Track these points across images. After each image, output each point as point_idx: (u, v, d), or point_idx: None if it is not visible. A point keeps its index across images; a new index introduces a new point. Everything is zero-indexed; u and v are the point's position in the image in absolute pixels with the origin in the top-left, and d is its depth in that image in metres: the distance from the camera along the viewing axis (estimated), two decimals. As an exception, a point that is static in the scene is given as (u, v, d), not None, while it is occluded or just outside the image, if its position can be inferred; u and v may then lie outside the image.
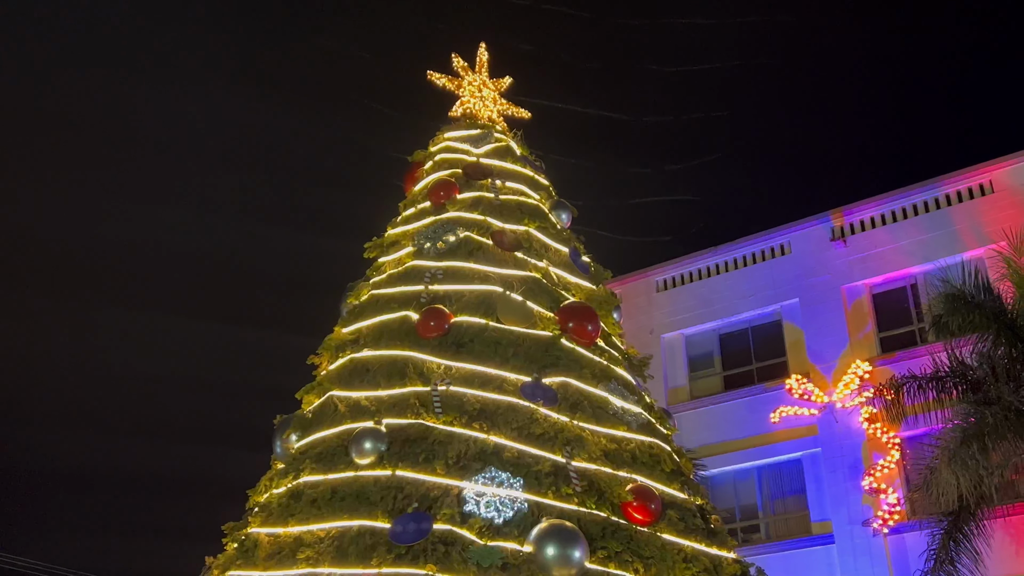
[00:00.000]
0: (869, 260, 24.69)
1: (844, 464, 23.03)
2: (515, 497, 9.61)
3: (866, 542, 22.12)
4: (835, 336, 24.42)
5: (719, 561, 10.26)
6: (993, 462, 17.40)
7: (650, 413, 11.61)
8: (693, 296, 27.14)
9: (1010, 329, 18.09)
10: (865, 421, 22.86)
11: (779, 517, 24.09)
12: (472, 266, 11.94)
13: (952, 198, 24.08)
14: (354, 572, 9.20)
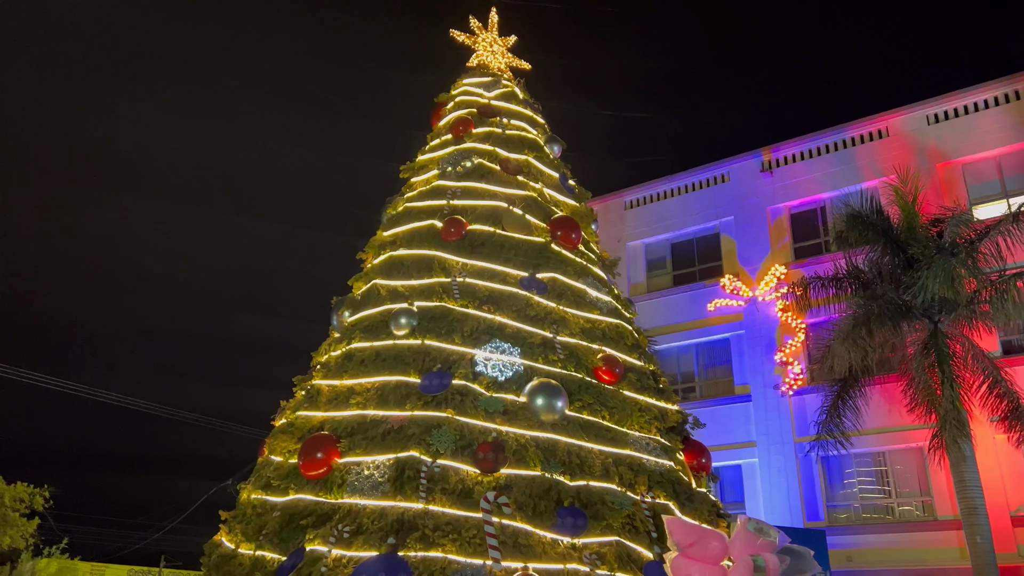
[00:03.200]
0: (789, 187, 24.47)
1: (762, 343, 23.27)
2: (514, 362, 9.74)
3: (775, 401, 22.53)
4: (760, 246, 24.38)
5: (665, 412, 10.46)
6: (875, 342, 17.58)
7: (617, 301, 11.66)
8: (652, 213, 26.98)
9: (895, 243, 18.05)
10: (780, 311, 23.02)
11: (710, 381, 24.48)
12: (484, 186, 11.83)
13: (856, 140, 23.72)
14: (392, 413, 9.39)
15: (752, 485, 22.23)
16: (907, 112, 23.07)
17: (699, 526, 3.71)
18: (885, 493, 20.79)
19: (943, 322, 17.34)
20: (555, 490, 8.63)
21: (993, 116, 21.79)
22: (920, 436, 18.20)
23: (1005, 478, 18.79)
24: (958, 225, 17.55)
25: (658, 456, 9.58)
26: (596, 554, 8.25)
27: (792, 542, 3.77)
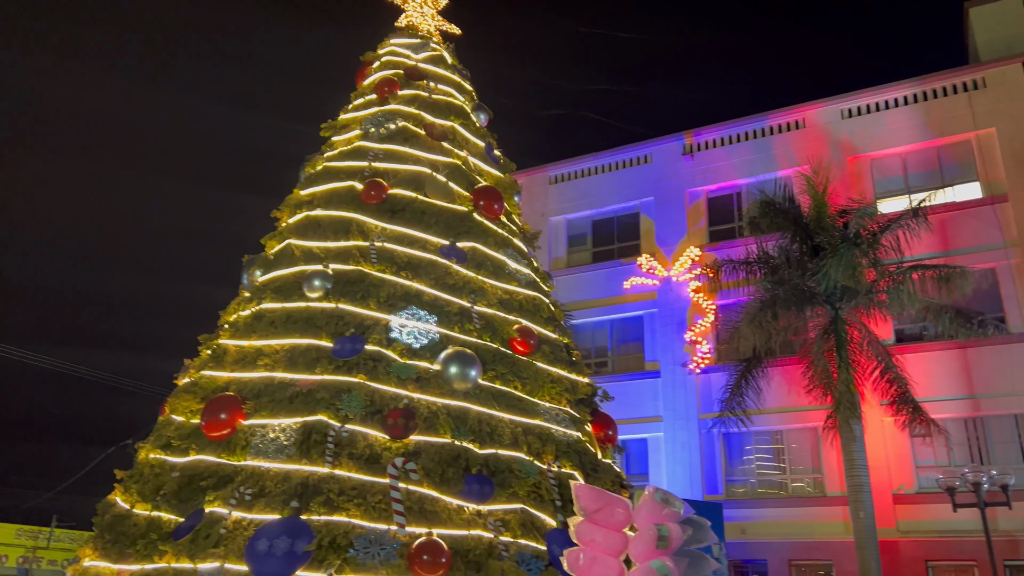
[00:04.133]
0: (708, 171, 24.99)
1: (673, 321, 23.83)
2: (429, 329, 9.64)
3: (683, 378, 23.17)
4: (677, 227, 24.87)
5: (576, 384, 10.57)
6: (780, 326, 18.21)
7: (536, 274, 11.67)
8: (576, 189, 27.14)
9: (804, 231, 18.64)
10: (692, 291, 23.59)
11: (622, 357, 24.97)
12: (407, 150, 11.59)
13: (774, 129, 24.37)
14: (301, 377, 9.17)
15: (657, 458, 22.88)
16: (823, 105, 23.82)
17: (606, 493, 3.77)
18: (780, 470, 21.74)
19: (843, 309, 18.10)
20: (464, 458, 8.63)
21: (901, 115, 22.74)
22: (816, 417, 19.01)
23: (890, 459, 19.91)
24: (863, 217, 18.27)
25: (567, 427, 9.69)
26: (501, 521, 8.31)
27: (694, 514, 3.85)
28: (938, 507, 17.81)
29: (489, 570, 7.86)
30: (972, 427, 19.88)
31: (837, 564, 19.53)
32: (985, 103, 21.75)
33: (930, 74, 22.76)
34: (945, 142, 22.20)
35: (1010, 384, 19.28)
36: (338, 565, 7.60)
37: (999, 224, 20.69)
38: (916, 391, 17.72)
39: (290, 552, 7.59)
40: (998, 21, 23.83)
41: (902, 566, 18.69)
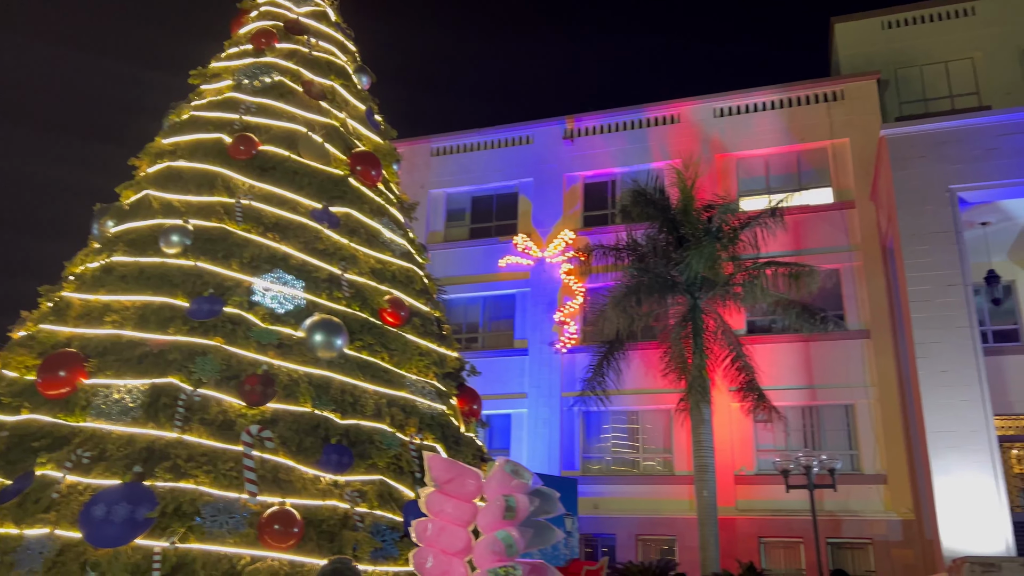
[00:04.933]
0: (586, 158, 25.51)
1: (544, 302, 24.28)
2: (295, 295, 9.32)
3: (549, 357, 23.69)
4: (553, 210, 25.28)
5: (445, 358, 10.55)
6: (643, 311, 18.96)
7: (411, 246, 11.52)
8: (458, 164, 27.02)
9: (672, 222, 19.43)
10: (564, 273, 24.11)
11: (493, 333, 25.22)
12: (282, 106, 11.08)
13: (650, 121, 25.16)
14: (153, 336, 8.66)
15: (519, 434, 23.33)
16: (697, 103, 24.79)
17: (458, 464, 3.78)
18: (634, 448, 22.71)
19: (701, 299, 19.03)
20: (323, 427, 8.44)
21: (767, 119, 24.03)
22: (670, 399, 19.93)
23: (734, 442, 21.20)
24: (726, 213, 19.25)
25: (432, 400, 9.67)
26: (358, 492, 8.20)
27: (543, 486, 3.94)
28: (773, 488, 19.16)
29: (343, 540, 7.75)
30: (808, 415, 21.47)
31: (680, 539, 20.66)
32: (842, 114, 23.34)
33: (796, 82, 24.15)
34: (804, 148, 23.67)
35: (844, 377, 20.94)
36: (182, 533, 7.27)
37: (846, 228, 22.33)
38: (762, 379, 18.94)
39: (130, 519, 7.18)
40: (860, 38, 25.56)
41: (738, 542, 20.01)
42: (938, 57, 24.65)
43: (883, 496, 19.94)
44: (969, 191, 18.50)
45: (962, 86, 24.25)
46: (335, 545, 7.66)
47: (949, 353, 17.34)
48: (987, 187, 18.40)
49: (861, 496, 19.94)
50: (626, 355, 19.89)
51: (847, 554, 19.91)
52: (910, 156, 18.92)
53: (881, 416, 20.52)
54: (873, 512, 19.83)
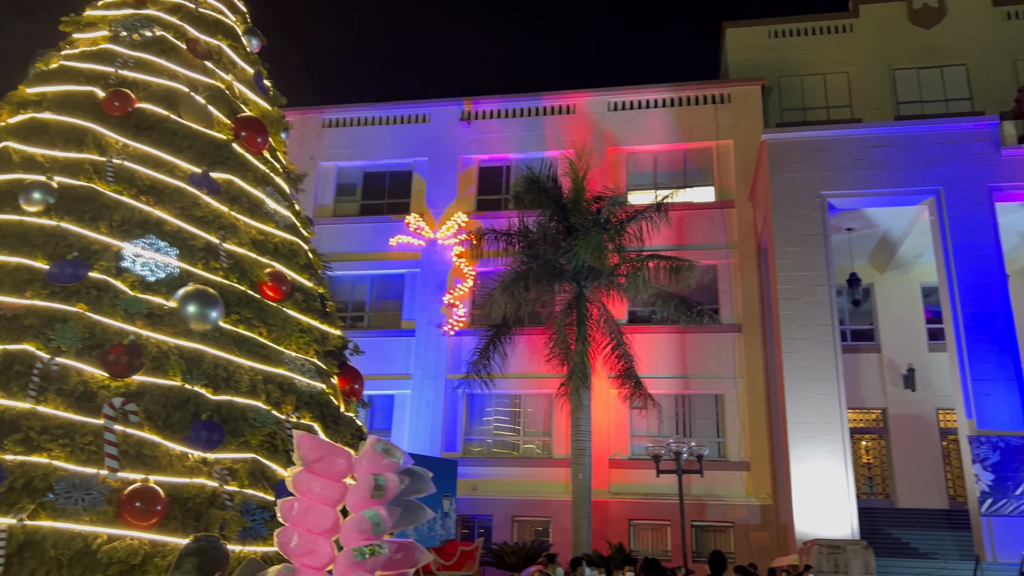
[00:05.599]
0: (482, 141, 25.52)
1: (434, 283, 24.19)
2: (168, 263, 8.87)
3: (436, 339, 23.66)
4: (447, 191, 25.17)
5: (327, 335, 10.32)
6: (530, 297, 19.22)
7: (296, 218, 11.16)
8: (351, 137, 26.43)
9: (562, 211, 19.74)
10: (455, 256, 24.09)
11: (380, 313, 24.93)
12: (163, 63, 10.46)
13: (547, 110, 25.43)
14: (7, 299, 8.04)
15: (402, 415, 23.21)
16: (593, 95, 25.25)
17: (328, 442, 3.71)
18: (515, 432, 23.05)
19: (587, 287, 19.48)
20: (193, 402, 8.09)
21: (658, 116, 24.77)
22: (551, 384, 20.32)
23: (611, 427, 21.89)
24: (614, 206, 19.74)
25: (311, 378, 9.45)
26: (228, 470, 7.94)
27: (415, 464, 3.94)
28: (645, 472, 19.90)
29: (209, 519, 7.49)
30: (681, 403, 22.43)
31: (554, 521, 21.18)
32: (727, 117, 24.35)
33: (686, 83, 24.99)
34: (691, 147, 24.56)
35: (716, 368, 21.98)
36: (31, 510, 6.83)
37: (725, 227, 23.37)
38: (639, 368, 19.60)
39: (-28, 495, 6.68)
40: (748, 44, 26.70)
41: (610, 524, 20.72)
42: (818, 69, 26.09)
43: (745, 482, 21.12)
44: (838, 198, 19.75)
45: (837, 98, 25.80)
46: (201, 524, 7.39)
47: (812, 349, 18.52)
48: (854, 195, 19.70)
49: (725, 482, 21.04)
50: (512, 340, 20.11)
51: (710, 536, 20.99)
52: (787, 161, 19.99)
53: (747, 406, 21.68)
54: (736, 497, 20.97)
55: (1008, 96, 21.89)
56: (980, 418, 17.26)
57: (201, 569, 3.02)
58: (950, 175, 18.98)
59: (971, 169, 18.96)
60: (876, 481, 22.50)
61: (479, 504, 21.62)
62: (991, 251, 18.37)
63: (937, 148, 19.30)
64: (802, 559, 15.65)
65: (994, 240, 18.46)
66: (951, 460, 21.79)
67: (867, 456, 22.78)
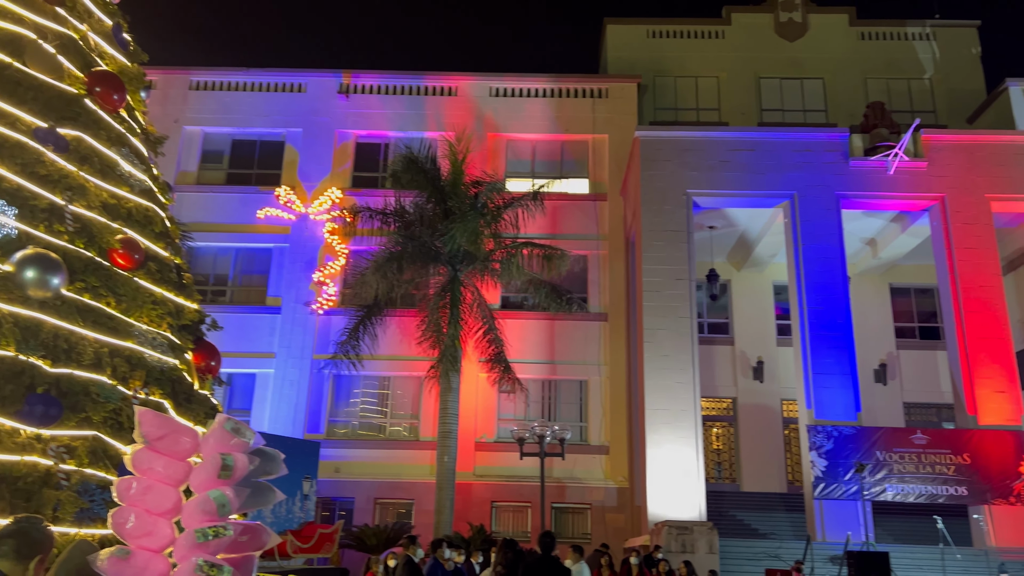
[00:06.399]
0: (361, 116, 24.98)
1: (303, 260, 23.52)
2: (5, 223, 8.15)
3: (304, 317, 23.04)
4: (322, 165, 24.50)
5: (182, 308, 9.81)
6: (404, 278, 19.02)
7: (154, 183, 10.51)
8: (220, 102, 25.18)
9: (440, 193, 19.62)
10: (327, 232, 23.49)
11: (244, 288, 24.00)
12: (8, 4, 9.55)
13: (429, 90, 25.19)
14: None
15: (263, 394, 22.49)
16: (476, 79, 25.24)
17: (172, 420, 3.53)
18: (382, 414, 22.85)
19: (462, 271, 19.51)
20: (28, 375, 7.49)
21: (538, 105, 25.09)
22: (422, 367, 20.23)
23: (478, 410, 22.11)
24: (492, 191, 19.82)
25: (163, 353, 8.97)
26: (66, 447, 7.42)
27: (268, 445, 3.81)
28: (509, 455, 20.24)
29: (42, 499, 6.99)
30: (548, 388, 22.95)
31: (418, 503, 21.21)
32: (604, 112, 24.99)
33: (567, 75, 25.43)
34: (569, 139, 25.05)
35: (582, 355, 22.63)
36: None
37: (597, 219, 24.03)
38: (509, 352, 19.85)
39: None
40: (627, 42, 27.48)
41: (473, 506, 20.96)
42: (690, 72, 27.23)
43: (604, 465, 21.92)
44: (702, 196, 20.73)
45: (707, 101, 27.04)
46: (32, 504, 6.88)
47: (671, 340, 19.40)
48: (717, 195, 20.74)
49: (585, 465, 21.75)
50: (383, 321, 19.82)
51: (568, 518, 21.66)
52: (657, 159, 20.77)
53: (609, 392, 22.48)
54: (594, 480, 21.73)
55: (858, 111, 23.64)
56: (818, 409, 18.67)
57: (19, 552, 2.81)
58: (803, 181, 20.32)
59: (822, 177, 20.38)
60: (724, 466, 23.92)
61: (341, 486, 21.32)
62: (836, 255, 19.85)
63: (794, 155, 20.61)
64: (653, 539, 16.42)
65: (839, 244, 19.94)
66: (791, 447, 23.47)
67: (717, 442, 24.16)
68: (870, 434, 18.44)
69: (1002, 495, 17.81)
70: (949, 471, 18.04)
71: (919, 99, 27.03)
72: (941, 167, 20.39)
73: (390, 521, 20.70)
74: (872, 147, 20.56)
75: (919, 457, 18.16)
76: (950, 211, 20.07)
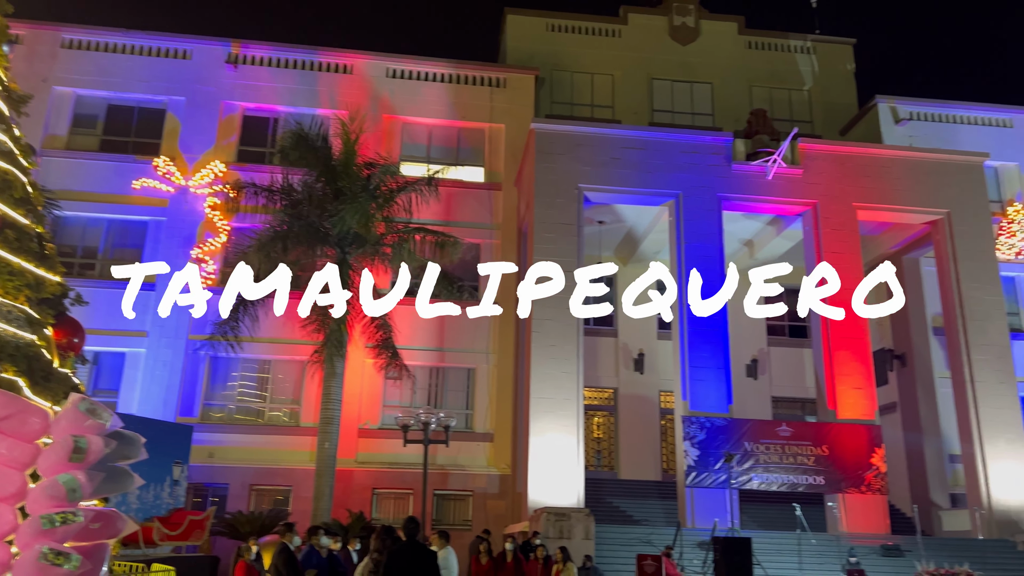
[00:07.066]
0: (250, 88, 24.03)
1: (181, 235, 22.45)
2: None
3: (180, 295, 21.98)
4: (206, 137, 23.43)
5: (43, 280, 9.15)
6: (289, 259, 18.44)
7: (14, 144, 9.74)
8: (95, 64, 23.60)
9: (331, 173, 19.13)
10: (208, 207, 22.51)
11: (115, 262, 22.44)
12: None
13: (323, 66, 24.51)
14: None
15: (133, 375, 21.36)
16: (372, 58, 24.75)
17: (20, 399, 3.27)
18: (261, 398, 22.15)
19: (351, 254, 19.13)
20: None
21: (436, 90, 24.87)
22: (306, 351, 19.70)
23: (363, 396, 21.79)
24: (385, 174, 19.49)
25: (19, 327, 8.34)
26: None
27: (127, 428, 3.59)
28: (393, 442, 20.08)
29: None
30: (435, 375, 22.89)
31: (296, 490, 20.72)
32: (502, 101, 25.06)
33: (466, 62, 25.33)
34: (465, 126, 24.97)
35: (471, 343, 22.68)
36: None
37: (491, 208, 24.11)
38: (398, 339, 19.63)
39: None
40: (527, 33, 27.65)
41: (353, 493, 20.68)
42: (587, 68, 27.70)
43: (488, 453, 22.10)
44: (593, 192, 21.15)
45: (602, 98, 27.59)
46: None
47: (558, 330, 19.74)
48: (607, 191, 21.21)
49: (470, 452, 21.87)
50: (265, 302, 19.06)
51: (451, 504, 21.72)
52: (551, 152, 21.04)
53: (497, 381, 22.66)
54: (477, 467, 21.88)
55: (743, 116, 24.73)
56: (693, 400, 19.49)
57: None
58: (689, 182, 21.09)
59: (706, 179, 21.21)
60: (604, 454, 24.61)
61: (215, 472, 20.56)
62: (716, 254, 20.72)
63: (681, 156, 21.34)
64: (532, 526, 16.71)
65: (719, 244, 20.83)
66: (667, 437, 24.41)
67: (598, 431, 24.83)
68: (739, 426, 19.42)
69: (855, 484, 19.16)
70: (809, 461, 19.24)
71: (798, 109, 28.55)
72: (815, 175, 21.63)
73: (266, 508, 20.13)
74: (753, 152, 21.56)
75: (783, 448, 19.28)
76: (821, 217, 21.33)
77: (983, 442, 20.10)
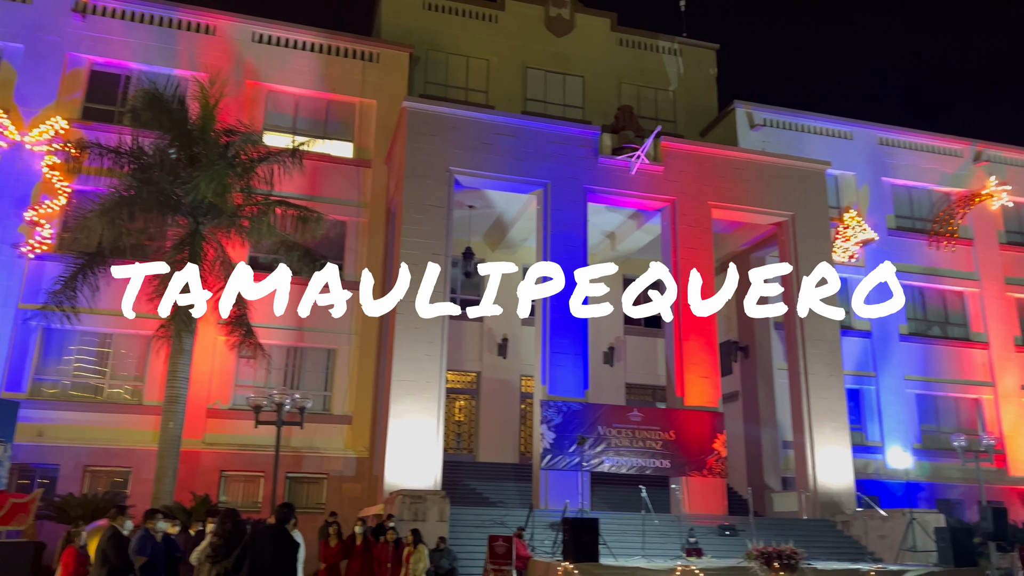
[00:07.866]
0: (100, 42, 22.30)
1: (15, 195, 20.61)
2: None
3: (10, 260, 20.25)
4: (46, 90, 21.56)
5: None
6: (135, 226, 17.36)
7: None
8: (-86, -3, 21.12)
9: (187, 137, 18.12)
10: (46, 167, 20.76)
11: (-67, 221, 20.42)
12: None
13: (182, 24, 23.11)
14: None
15: (-50, 346, 19.41)
16: (237, 20, 23.56)
17: None
18: (100, 374, 20.72)
19: (205, 225, 18.20)
20: None
21: (305, 59, 23.99)
22: (150, 325, 18.56)
23: (214, 375, 20.83)
24: (246, 143, 18.64)
25: None
26: None
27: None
28: (244, 423, 19.35)
29: None
30: (293, 355, 22.20)
31: (136, 471, 19.57)
32: (375, 77, 24.52)
33: (339, 32, 24.58)
34: (335, 99, 24.26)
35: (332, 323, 21.94)
36: None
37: (359, 185, 23.59)
38: (254, 316, 18.91)
39: None
40: (403, 9, 27.18)
41: (199, 475, 19.75)
42: (463, 51, 27.59)
43: (345, 435, 21.71)
44: (464, 175, 21.12)
45: (476, 82, 27.57)
46: None
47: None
48: (478, 176, 21.23)
49: (326, 435, 21.40)
50: (107, 272, 17.79)
51: (304, 487, 21.19)
52: (423, 132, 20.80)
53: (358, 362, 22.26)
54: (334, 450, 21.44)
55: (611, 111, 25.40)
56: (552, 385, 19.93)
57: None
58: (557, 172, 21.46)
59: (573, 170, 21.65)
60: (464, 437, 24.77)
61: (45, 452, 19.08)
62: (579, 244, 21.22)
63: (551, 146, 21.67)
64: (387, 509, 16.57)
65: (583, 235, 21.34)
66: (526, 421, 24.86)
67: (460, 414, 24.95)
68: (594, 410, 20.05)
69: (698, 468, 20.26)
70: (657, 446, 20.16)
71: (663, 108, 29.66)
72: (675, 173, 22.56)
73: (102, 490, 18.91)
74: (619, 147, 22.21)
75: (633, 432, 20.09)
76: (678, 213, 22.29)
77: (812, 429, 21.77)
